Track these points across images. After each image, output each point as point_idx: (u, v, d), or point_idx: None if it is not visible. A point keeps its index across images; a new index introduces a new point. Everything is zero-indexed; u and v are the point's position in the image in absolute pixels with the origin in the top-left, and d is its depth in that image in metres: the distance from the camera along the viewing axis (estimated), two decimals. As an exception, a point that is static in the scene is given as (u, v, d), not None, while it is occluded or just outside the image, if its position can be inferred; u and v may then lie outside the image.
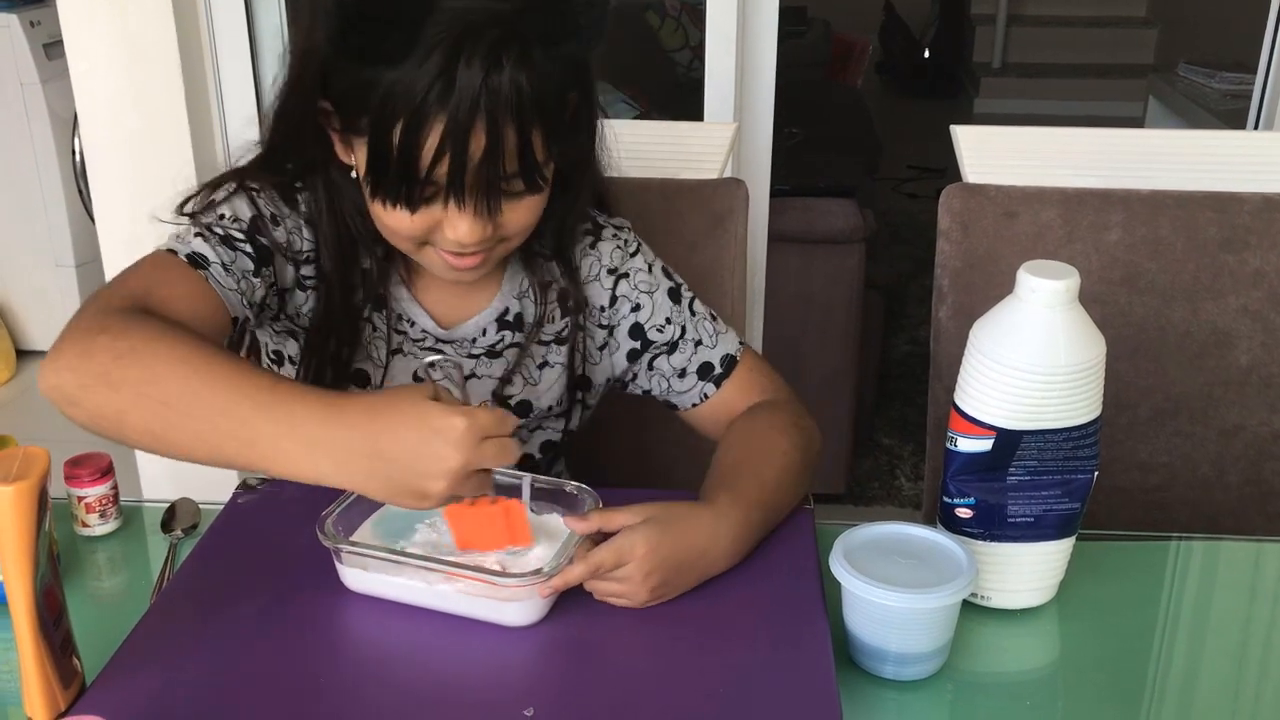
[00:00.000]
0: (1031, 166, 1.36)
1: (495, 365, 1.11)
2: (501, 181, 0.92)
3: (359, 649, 0.91)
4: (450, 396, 0.84)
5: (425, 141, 0.88)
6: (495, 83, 0.86)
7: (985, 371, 0.92)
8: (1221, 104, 3.13)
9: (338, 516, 0.94)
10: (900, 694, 0.90)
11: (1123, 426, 1.37)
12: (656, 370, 1.14)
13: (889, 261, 2.98)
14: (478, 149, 0.88)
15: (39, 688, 0.80)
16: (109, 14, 1.94)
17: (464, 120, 0.87)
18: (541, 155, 0.92)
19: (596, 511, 0.94)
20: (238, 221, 1.00)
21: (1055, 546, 0.97)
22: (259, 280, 0.99)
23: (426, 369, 0.89)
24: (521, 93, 0.87)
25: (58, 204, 3.13)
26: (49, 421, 0.92)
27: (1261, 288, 1.33)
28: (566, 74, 0.92)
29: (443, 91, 0.86)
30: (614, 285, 1.12)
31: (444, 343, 1.09)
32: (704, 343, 1.13)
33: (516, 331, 1.10)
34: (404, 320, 1.09)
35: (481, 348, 1.10)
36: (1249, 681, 0.94)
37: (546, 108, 0.90)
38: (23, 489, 0.75)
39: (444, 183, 0.91)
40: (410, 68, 0.86)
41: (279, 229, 1.01)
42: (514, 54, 0.86)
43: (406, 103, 0.87)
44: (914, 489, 2.70)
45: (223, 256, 0.97)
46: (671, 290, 1.14)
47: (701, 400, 1.14)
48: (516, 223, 0.97)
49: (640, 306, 1.12)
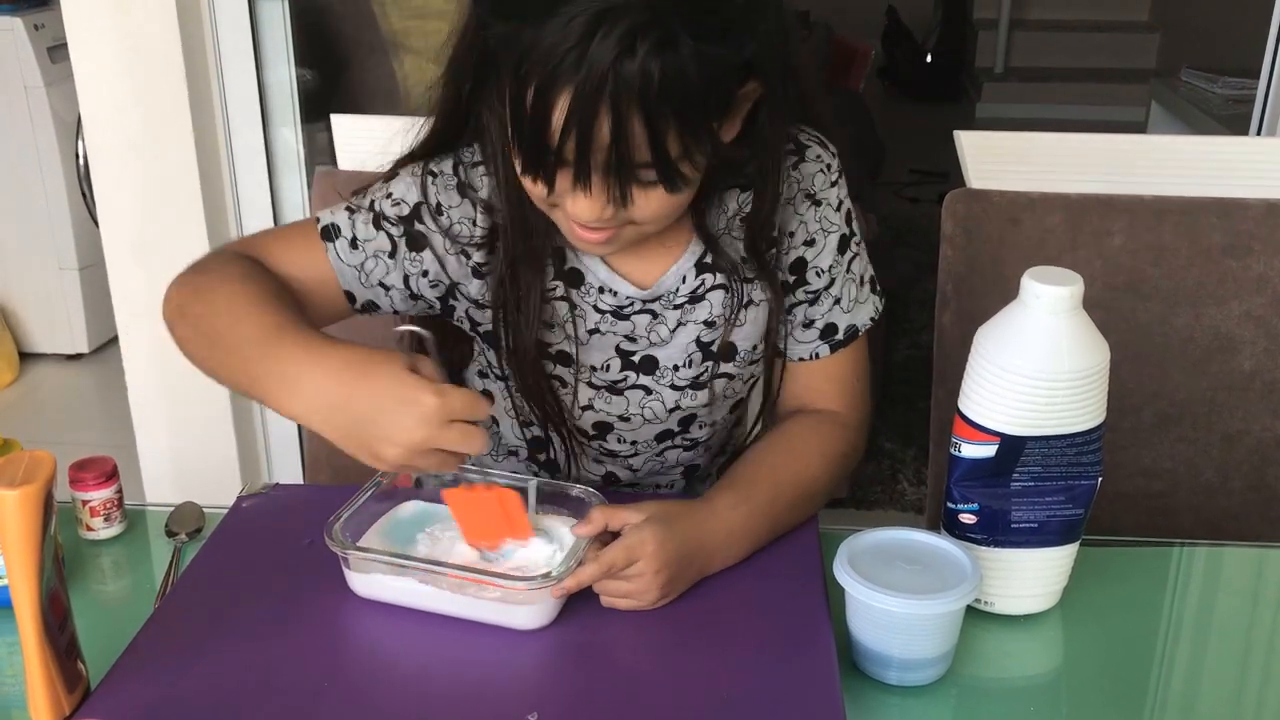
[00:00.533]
0: (1035, 172, 1.36)
1: (699, 310, 1.06)
2: (630, 170, 0.87)
3: (364, 653, 0.91)
4: (429, 369, 0.85)
5: (554, 112, 0.84)
6: (625, 66, 0.81)
7: (989, 377, 0.92)
8: (1224, 109, 3.13)
9: (345, 522, 0.94)
10: (904, 700, 0.90)
11: (1126, 432, 1.37)
12: (790, 315, 1.08)
13: (891, 265, 2.98)
14: (603, 131, 0.84)
15: (44, 691, 0.80)
16: (113, 17, 1.94)
17: (589, 98, 0.82)
18: (677, 151, 0.87)
19: (599, 509, 0.94)
20: (399, 205, 1.01)
21: (1059, 552, 0.97)
22: (393, 261, 1.01)
23: (398, 338, 0.88)
24: (651, 82, 0.82)
25: (61, 207, 3.14)
26: (53, 424, 0.92)
27: (1265, 293, 1.33)
28: (714, 74, 0.84)
29: (575, 63, 0.82)
30: (806, 213, 1.05)
31: (649, 302, 1.05)
32: (842, 304, 1.08)
33: (718, 272, 1.05)
34: (605, 291, 1.05)
35: (684, 295, 1.05)
36: (1252, 688, 0.94)
37: (684, 103, 0.84)
38: (28, 493, 0.75)
39: (571, 159, 0.86)
40: (551, 31, 0.82)
41: (444, 217, 1.01)
42: (653, 40, 0.81)
43: (539, 66, 0.83)
44: (916, 493, 2.70)
45: (359, 232, 1.01)
46: (843, 239, 1.07)
47: (811, 358, 1.09)
48: (648, 211, 0.91)
49: (814, 242, 1.06)
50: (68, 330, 3.28)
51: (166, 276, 2.26)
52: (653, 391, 1.09)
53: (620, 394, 1.09)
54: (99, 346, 3.31)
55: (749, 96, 0.92)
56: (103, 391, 3.10)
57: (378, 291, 1.03)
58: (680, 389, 1.09)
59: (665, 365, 1.08)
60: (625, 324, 1.06)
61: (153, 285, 2.14)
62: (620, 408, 1.10)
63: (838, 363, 1.10)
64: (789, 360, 1.11)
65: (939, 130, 1.85)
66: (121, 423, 2.25)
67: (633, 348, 1.07)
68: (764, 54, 0.89)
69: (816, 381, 1.10)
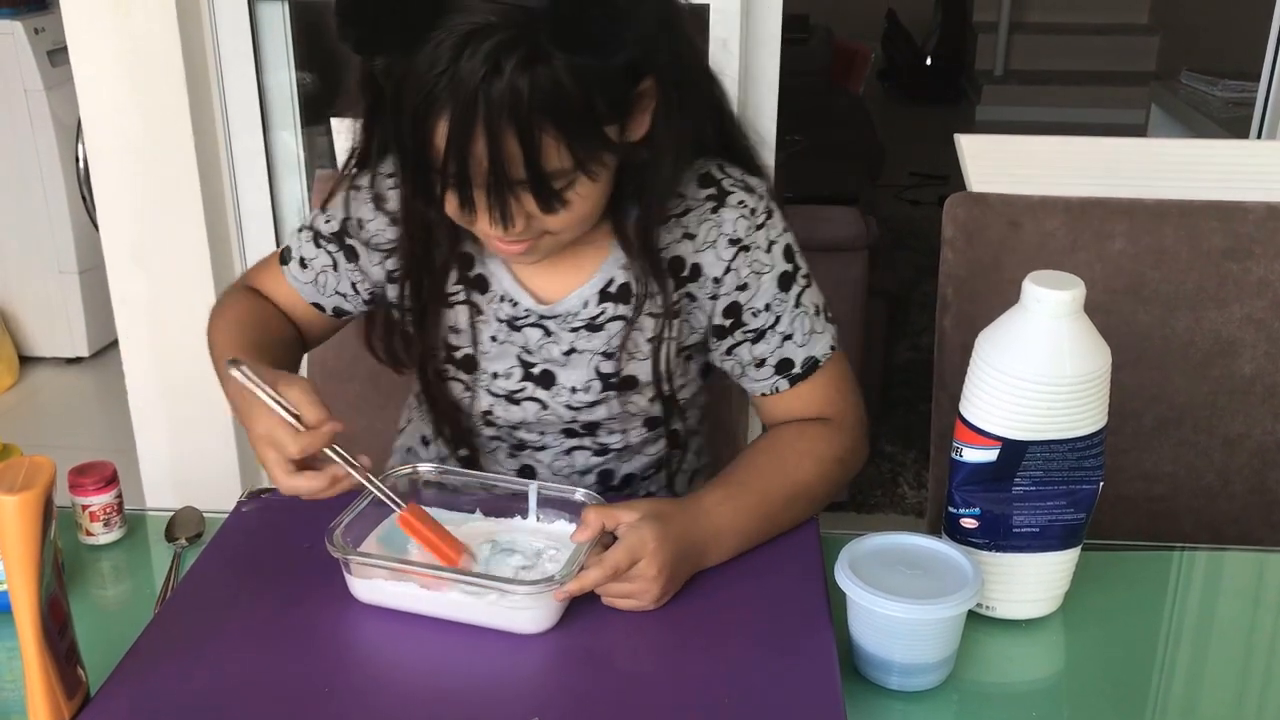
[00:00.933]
0: (1035, 175, 1.36)
1: (596, 339, 1.07)
2: (510, 188, 0.88)
3: (365, 658, 0.91)
4: (301, 398, 0.90)
5: (435, 136, 0.87)
6: (494, 85, 0.83)
7: (991, 382, 0.92)
8: (1224, 112, 3.13)
9: (346, 527, 0.94)
10: (906, 705, 0.90)
11: (1127, 436, 1.37)
12: (734, 356, 1.08)
13: (892, 268, 2.98)
14: (480, 152, 0.86)
15: (43, 697, 0.80)
16: (113, 21, 1.94)
17: (463, 121, 0.84)
18: (556, 165, 0.88)
19: (592, 511, 0.94)
20: (330, 222, 1.11)
21: (1060, 557, 0.97)
22: (338, 274, 1.12)
23: (228, 368, 0.92)
24: (520, 99, 0.83)
25: (61, 211, 3.14)
26: (53, 428, 0.93)
27: (1265, 297, 1.33)
28: (590, 81, 0.85)
29: (446, 87, 0.84)
30: (733, 257, 1.04)
31: (546, 319, 1.06)
32: (794, 338, 1.06)
33: (620, 303, 1.05)
34: (506, 300, 1.07)
35: (582, 320, 1.06)
36: (1253, 691, 0.94)
37: (564, 114, 0.85)
38: (28, 499, 0.75)
39: (454, 181, 0.89)
40: (421, 59, 0.84)
41: (364, 230, 1.09)
42: (519, 56, 0.83)
43: (414, 94, 0.85)
44: (917, 496, 2.70)
45: (305, 252, 1.12)
46: (784, 276, 1.06)
47: (772, 392, 1.09)
48: (555, 222, 0.93)
49: (746, 286, 1.05)
50: (68, 334, 3.28)
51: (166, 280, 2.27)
52: (548, 407, 1.11)
53: (518, 404, 1.11)
54: (99, 350, 3.31)
55: (649, 94, 0.92)
56: (103, 396, 3.10)
57: (338, 299, 1.13)
58: (576, 409, 1.11)
59: (562, 385, 1.09)
60: (519, 335, 1.07)
61: (153, 289, 2.15)
62: (518, 416, 1.12)
63: (810, 388, 1.08)
64: (752, 396, 1.11)
65: (939, 133, 1.85)
66: (121, 427, 2.25)
67: (532, 359, 1.09)
68: (650, 53, 0.89)
69: (794, 407, 1.10)
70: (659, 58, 0.91)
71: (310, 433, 0.90)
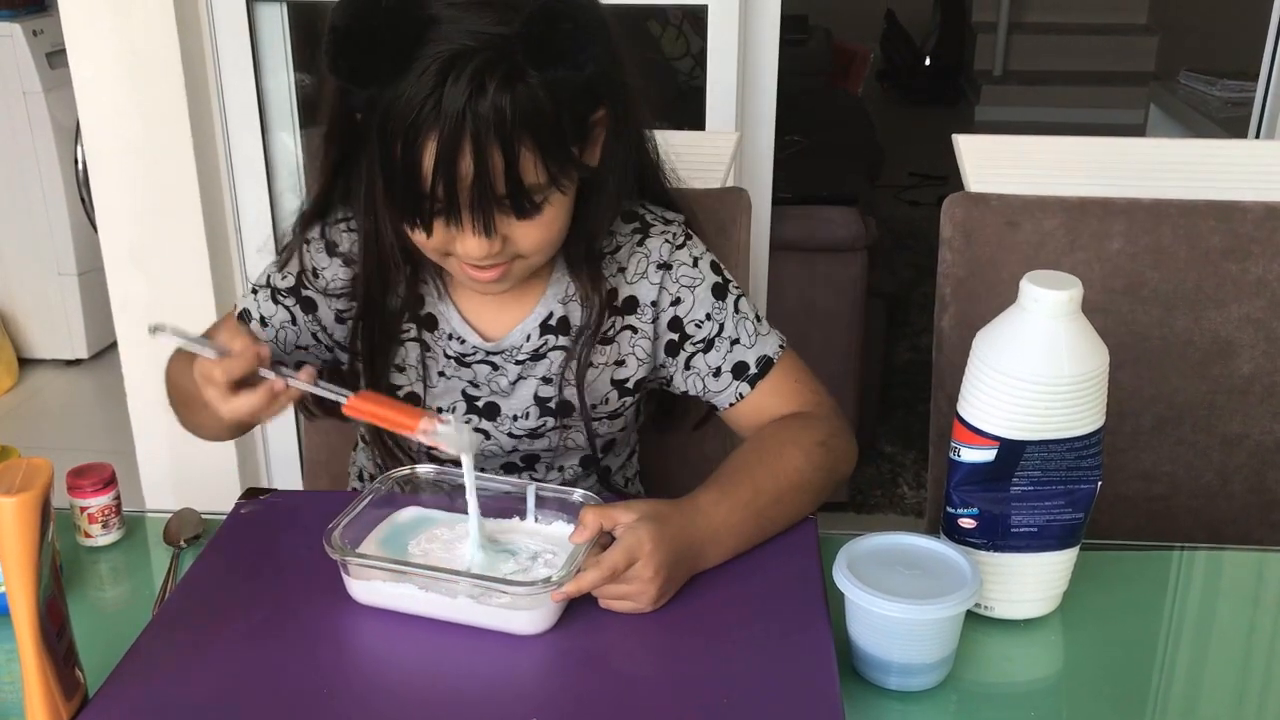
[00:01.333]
0: (1034, 175, 1.36)
1: (539, 367, 1.12)
2: (493, 203, 0.94)
3: (364, 659, 0.91)
4: (194, 348, 0.93)
5: (423, 159, 0.92)
6: (479, 105, 0.89)
7: (988, 382, 0.92)
8: (1223, 111, 3.14)
9: (344, 528, 0.94)
10: (904, 705, 0.90)
11: (1126, 435, 1.37)
12: (693, 370, 1.13)
13: (891, 269, 2.98)
14: (467, 169, 0.92)
15: (41, 699, 0.80)
16: (112, 23, 1.94)
17: (451, 140, 0.90)
18: (534, 178, 0.94)
19: (589, 511, 0.94)
20: (286, 277, 1.12)
21: (1059, 557, 0.97)
22: (297, 328, 1.12)
23: (151, 333, 0.93)
24: (504, 115, 0.89)
25: (60, 213, 3.14)
26: (51, 430, 0.93)
27: (1264, 296, 1.33)
28: (561, 98, 0.92)
29: (433, 110, 0.89)
30: (661, 279, 1.11)
31: (492, 354, 1.12)
32: (741, 342, 1.12)
33: (561, 335, 1.11)
34: (454, 338, 1.12)
35: (526, 353, 1.12)
36: (1252, 691, 0.94)
37: (536, 131, 0.92)
38: (25, 501, 0.75)
39: (443, 200, 0.94)
40: (406, 86, 0.90)
41: (319, 279, 1.11)
42: (499, 77, 0.89)
43: (401, 120, 0.91)
44: (916, 497, 2.70)
45: (264, 310, 1.12)
46: (716, 286, 1.12)
47: (738, 399, 1.12)
48: (528, 240, 0.99)
49: (680, 300, 1.12)
50: (67, 336, 3.28)
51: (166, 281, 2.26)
52: (491, 436, 1.15)
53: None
54: (98, 352, 3.31)
55: (601, 123, 1.00)
56: (102, 397, 3.10)
57: (301, 354, 1.14)
58: (518, 438, 1.15)
59: (505, 414, 1.14)
60: (468, 371, 1.13)
61: (152, 291, 2.16)
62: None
63: (771, 386, 1.12)
64: (722, 410, 1.15)
65: (938, 133, 1.85)
66: (120, 429, 2.25)
67: (477, 393, 1.14)
68: (603, 74, 0.96)
69: (763, 408, 1.12)
70: (611, 86, 0.99)
71: (232, 358, 0.91)
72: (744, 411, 1.13)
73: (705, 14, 1.90)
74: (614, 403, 1.15)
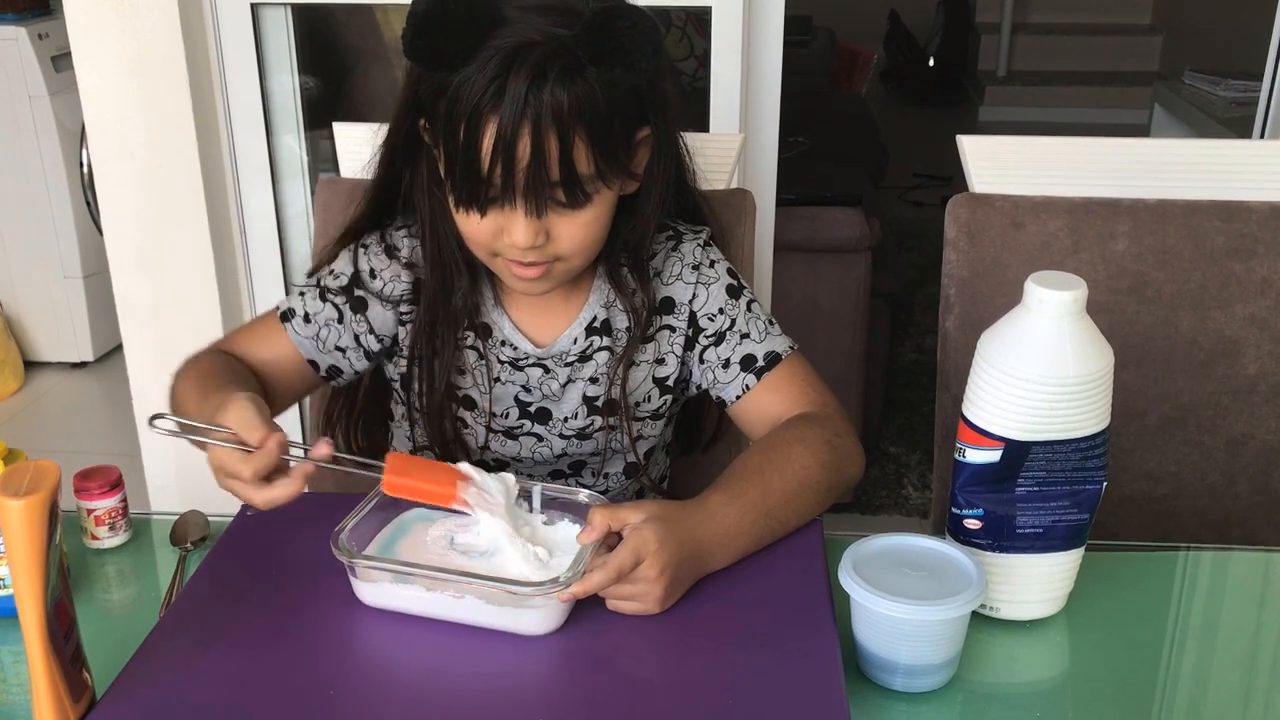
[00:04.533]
0: (1038, 176, 1.36)
1: (586, 368, 1.17)
2: (546, 187, 1.00)
3: (370, 661, 0.91)
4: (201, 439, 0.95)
5: (483, 142, 0.98)
6: (538, 93, 0.96)
7: (993, 383, 0.92)
8: (1227, 111, 3.13)
9: (350, 530, 0.94)
10: (910, 706, 0.90)
11: (1131, 436, 1.36)
12: (706, 363, 1.17)
13: (895, 270, 2.97)
14: (524, 153, 0.97)
15: (49, 701, 0.80)
16: (117, 27, 1.95)
17: (511, 123, 0.96)
18: (585, 169, 1.00)
19: (598, 511, 0.95)
20: (338, 278, 1.16)
21: (1064, 557, 0.97)
22: (343, 326, 1.16)
23: (150, 425, 0.97)
24: (562, 105, 0.96)
25: (65, 216, 3.14)
26: (58, 432, 0.94)
27: (1269, 296, 1.33)
28: (614, 96, 0.99)
29: (495, 95, 0.96)
30: (695, 279, 1.17)
31: (543, 359, 1.17)
32: (752, 336, 1.16)
33: (605, 336, 1.17)
34: (506, 344, 1.17)
35: (574, 355, 1.17)
36: (1259, 692, 0.94)
37: (589, 123, 0.98)
38: (33, 503, 0.75)
39: (499, 183, 0.99)
40: (472, 71, 0.97)
41: (376, 280, 1.16)
42: (559, 69, 0.96)
43: (466, 104, 0.97)
44: (921, 498, 2.70)
45: (309, 308, 1.16)
46: (731, 287, 1.18)
47: (744, 392, 1.15)
48: (570, 239, 1.04)
49: (697, 296, 1.17)
50: (72, 339, 3.29)
51: (171, 284, 2.27)
52: (544, 439, 1.20)
53: (515, 439, 1.21)
54: (103, 355, 3.32)
55: (646, 142, 1.07)
56: (107, 400, 3.11)
57: (336, 355, 1.17)
58: (568, 438, 1.20)
59: (556, 418, 1.19)
60: (521, 375, 1.18)
61: (157, 293, 2.16)
62: (514, 450, 1.21)
63: (777, 382, 1.15)
64: (730, 405, 1.17)
65: (942, 134, 1.85)
66: (127, 431, 2.25)
67: (529, 399, 1.19)
68: (651, 85, 1.04)
69: (769, 405, 1.15)
70: (658, 100, 1.06)
71: (258, 454, 0.91)
72: (750, 407, 1.15)
73: (709, 15, 1.90)
74: (655, 401, 1.20)
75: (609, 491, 1.24)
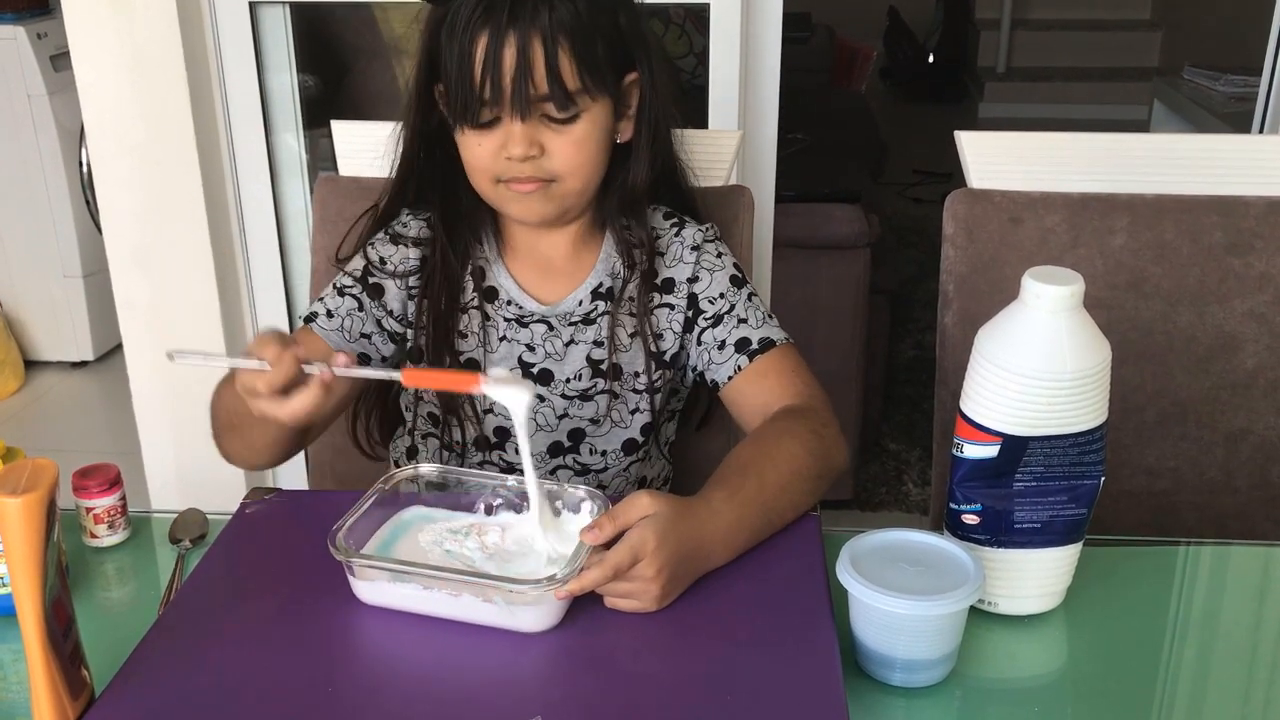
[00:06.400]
0: (1036, 171, 1.36)
1: (589, 331, 1.22)
2: (533, 94, 1.07)
3: (369, 658, 0.91)
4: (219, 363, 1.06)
5: (475, 55, 1.07)
6: (522, 7, 1.05)
7: (991, 378, 0.92)
8: (1226, 107, 3.13)
9: (349, 529, 0.94)
10: (908, 701, 0.90)
11: (1129, 431, 1.36)
12: (703, 344, 1.20)
13: (894, 266, 2.97)
14: (510, 63, 1.06)
15: (48, 699, 0.80)
16: (115, 26, 1.95)
17: (498, 37, 1.06)
18: (571, 83, 1.08)
19: (606, 516, 0.94)
20: (352, 273, 1.22)
21: (1062, 552, 0.97)
22: (364, 314, 1.20)
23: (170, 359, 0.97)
24: (543, 20, 1.05)
25: (65, 215, 3.15)
26: (59, 432, 0.94)
27: (1267, 291, 1.33)
28: (595, 13, 1.08)
29: (485, 12, 1.06)
30: (695, 260, 1.21)
31: (547, 317, 1.21)
32: (749, 322, 1.19)
33: (609, 301, 1.22)
34: (513, 304, 1.21)
35: (578, 316, 1.21)
36: (1258, 687, 0.94)
37: (572, 37, 1.07)
38: (31, 501, 0.76)
39: (490, 95, 1.07)
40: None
41: (386, 265, 1.21)
42: None
43: (461, 24, 1.07)
44: (921, 494, 2.70)
45: (330, 305, 1.20)
46: (735, 278, 1.22)
47: (735, 372, 1.17)
48: (562, 155, 1.11)
49: (699, 279, 1.21)
50: (72, 338, 3.29)
51: (170, 283, 2.27)
52: (545, 399, 1.22)
53: None
54: (103, 354, 3.32)
55: (635, 85, 1.15)
56: (107, 399, 3.11)
57: (363, 343, 1.20)
58: (570, 399, 1.22)
59: (559, 379, 1.22)
60: (525, 332, 1.21)
61: (156, 292, 2.16)
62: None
63: (768, 367, 1.17)
64: (722, 386, 1.19)
65: (941, 130, 1.85)
66: (126, 430, 2.25)
67: (533, 359, 1.22)
68: (636, 43, 1.14)
69: (759, 391, 1.17)
70: (642, 44, 1.15)
71: (274, 369, 0.93)
72: (740, 389, 1.18)
73: (707, 12, 1.90)
74: (652, 373, 1.21)
75: (607, 470, 1.25)
